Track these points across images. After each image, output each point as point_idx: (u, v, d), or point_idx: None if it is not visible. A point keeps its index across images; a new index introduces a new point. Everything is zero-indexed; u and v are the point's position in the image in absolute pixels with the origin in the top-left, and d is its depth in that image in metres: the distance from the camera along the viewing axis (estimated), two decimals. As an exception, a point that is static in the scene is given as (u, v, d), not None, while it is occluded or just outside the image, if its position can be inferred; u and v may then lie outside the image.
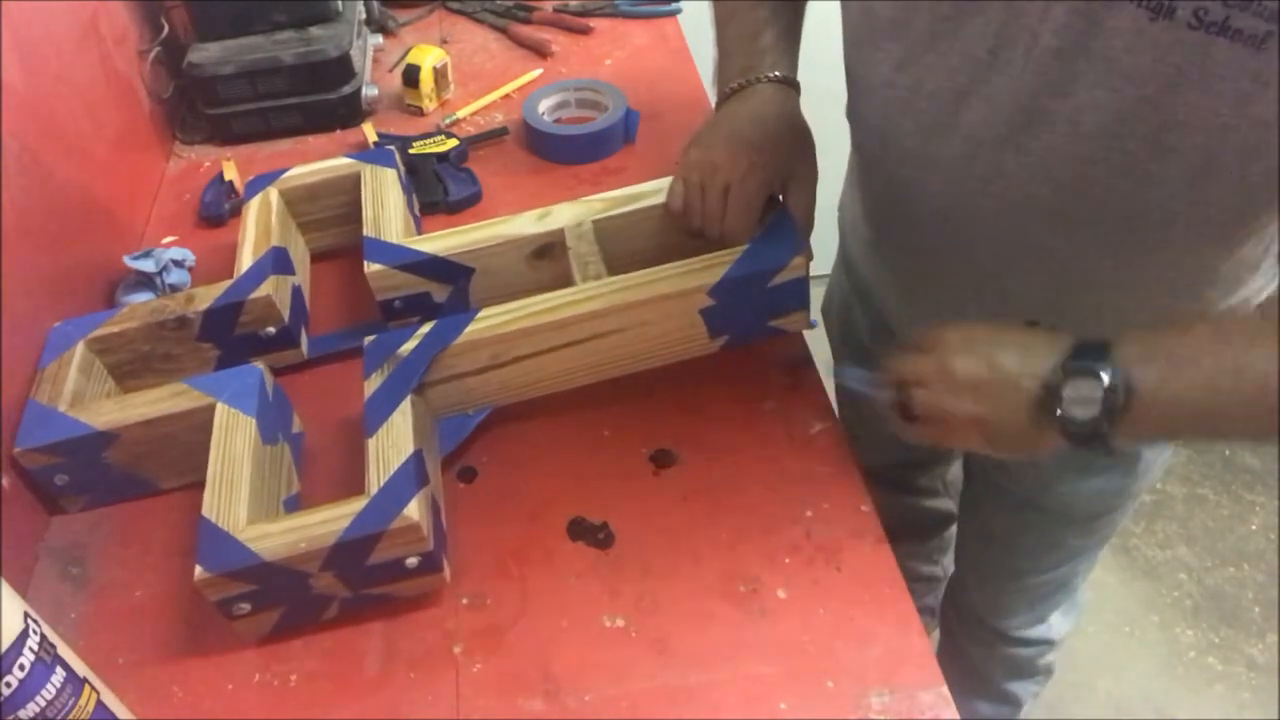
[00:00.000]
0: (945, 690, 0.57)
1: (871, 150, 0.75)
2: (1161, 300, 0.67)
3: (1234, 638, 1.55)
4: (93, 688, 0.53)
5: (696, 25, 1.25)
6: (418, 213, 0.89)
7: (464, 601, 0.64)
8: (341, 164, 0.86)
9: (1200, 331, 0.53)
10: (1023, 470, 0.86)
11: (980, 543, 1.02)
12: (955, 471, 1.13)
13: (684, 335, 0.71)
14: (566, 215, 0.76)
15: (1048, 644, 1.10)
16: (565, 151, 1.00)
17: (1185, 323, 0.54)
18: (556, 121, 1.05)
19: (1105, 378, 0.52)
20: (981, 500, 0.97)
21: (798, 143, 0.72)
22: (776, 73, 0.73)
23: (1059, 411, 0.53)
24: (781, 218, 0.71)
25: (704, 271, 0.68)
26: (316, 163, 0.87)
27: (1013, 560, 0.98)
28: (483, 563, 0.66)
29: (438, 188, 0.95)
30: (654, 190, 0.76)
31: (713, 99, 0.79)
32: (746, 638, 0.61)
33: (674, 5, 1.25)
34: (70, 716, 0.51)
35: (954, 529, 1.14)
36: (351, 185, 0.84)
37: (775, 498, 0.68)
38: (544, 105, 1.04)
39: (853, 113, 0.76)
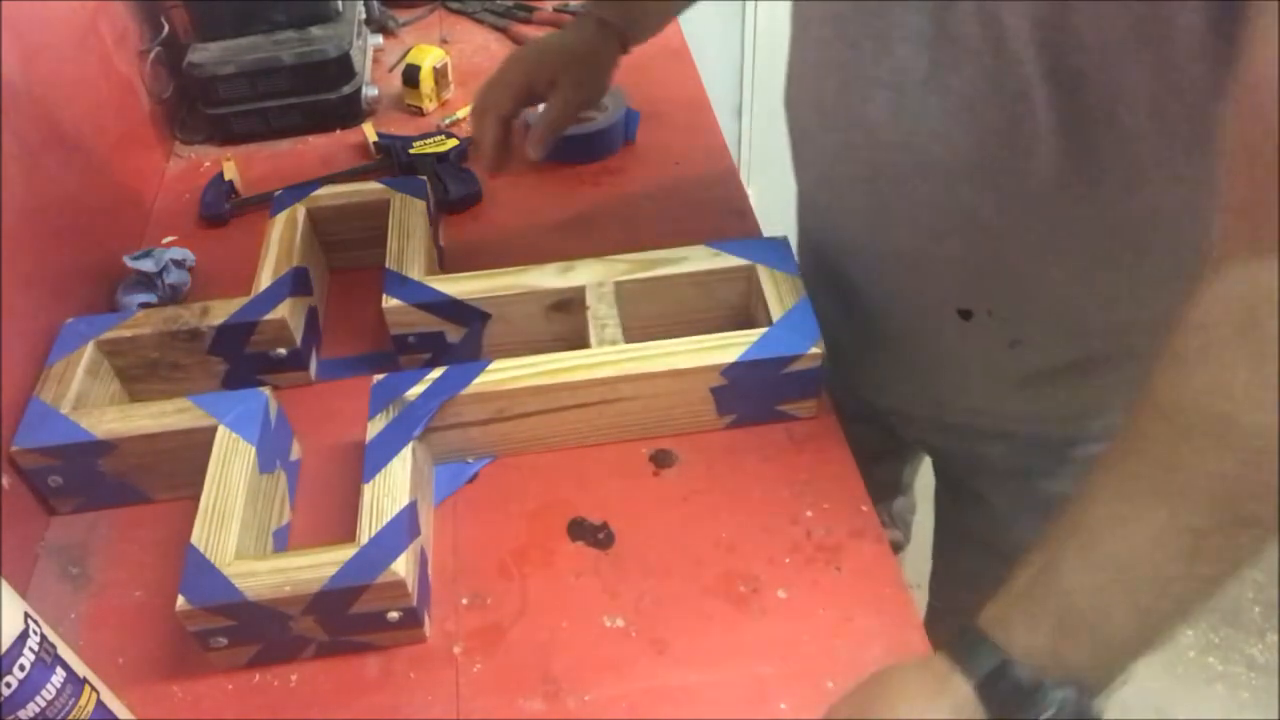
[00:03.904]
0: (945, 690, 0.57)
1: (802, 126, 0.75)
2: (1100, 274, 0.65)
3: (1234, 638, 1.55)
4: (93, 688, 0.53)
5: (697, 25, 1.25)
6: (441, 243, 0.89)
7: (464, 601, 0.64)
8: (373, 189, 0.86)
9: (1063, 549, 0.46)
10: (979, 514, 0.85)
11: (951, 583, 1.01)
12: (901, 504, 1.13)
13: (692, 410, 0.71)
14: (589, 273, 0.75)
15: None
16: (565, 151, 1.00)
17: (1043, 566, 0.47)
18: (556, 121, 1.05)
19: (1067, 708, 0.44)
20: (947, 542, 0.97)
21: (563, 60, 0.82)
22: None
23: None
24: (804, 305, 0.71)
25: (720, 350, 0.68)
26: (348, 185, 0.88)
27: (965, 600, 0.97)
28: (483, 563, 0.66)
29: (438, 187, 0.95)
30: (679, 258, 0.75)
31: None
32: (746, 638, 0.61)
33: (674, 5, 1.25)
34: (70, 716, 0.51)
35: (901, 557, 1.14)
36: (380, 210, 0.84)
37: (775, 498, 0.68)
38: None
39: (786, 95, 0.76)
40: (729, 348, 0.69)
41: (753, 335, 0.69)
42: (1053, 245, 0.64)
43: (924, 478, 1.06)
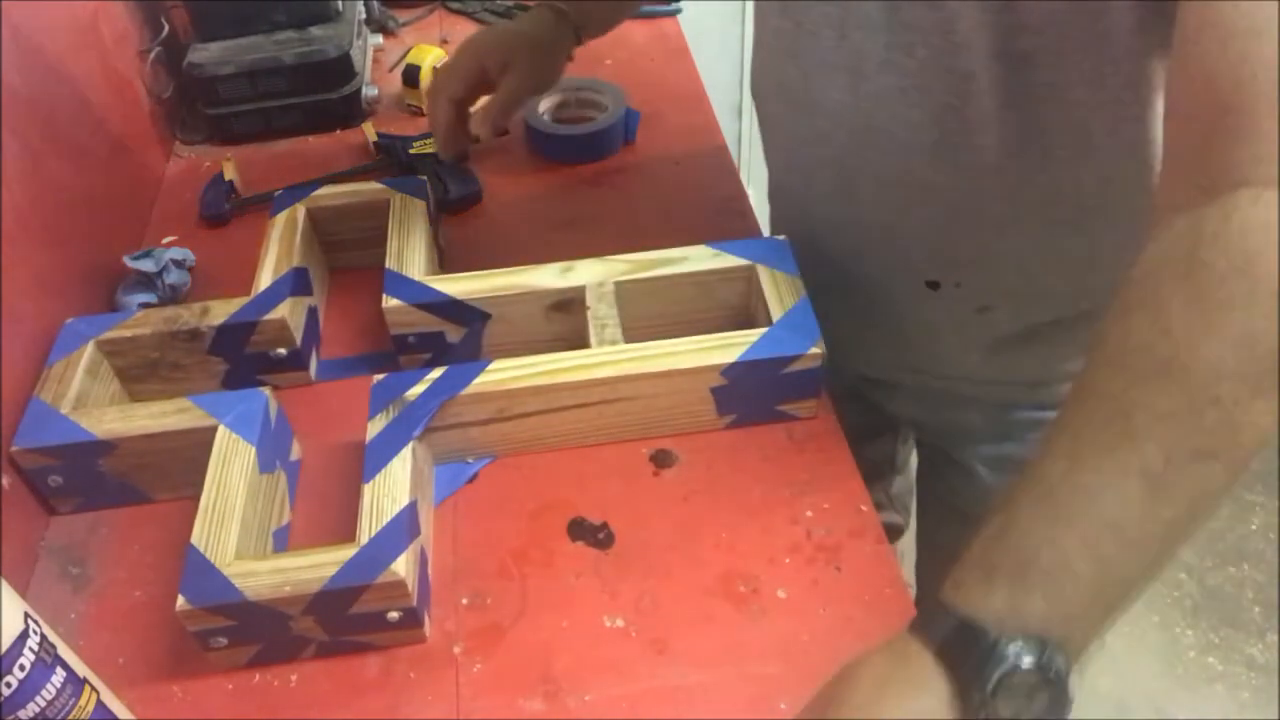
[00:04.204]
0: (945, 690, 0.57)
1: (768, 112, 0.78)
2: (1060, 242, 0.69)
3: (1234, 638, 1.55)
4: (93, 688, 0.53)
5: (696, 25, 1.26)
6: (442, 243, 0.89)
7: (464, 601, 0.64)
8: (373, 189, 0.86)
9: (1023, 508, 0.44)
10: (963, 485, 0.87)
11: (935, 560, 1.02)
12: (899, 485, 1.13)
13: (692, 410, 0.71)
14: (589, 273, 0.75)
15: None
16: (565, 151, 1.01)
17: (998, 528, 0.44)
18: (556, 121, 1.05)
19: (1025, 658, 0.41)
20: (932, 518, 0.98)
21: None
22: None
23: None
24: (804, 305, 0.71)
25: (720, 350, 0.68)
26: (348, 185, 0.88)
27: None
28: (483, 563, 0.66)
29: (438, 187, 0.95)
30: (679, 258, 0.75)
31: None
32: (746, 638, 0.61)
33: (674, 5, 1.25)
34: (70, 717, 0.51)
35: (900, 544, 1.14)
36: (380, 210, 0.84)
37: (775, 498, 0.68)
38: (544, 104, 1.04)
39: (752, 84, 0.80)
40: (729, 348, 0.69)
41: (752, 335, 0.69)
42: (1011, 215, 0.67)
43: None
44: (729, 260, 0.75)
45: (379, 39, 1.21)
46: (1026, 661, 0.40)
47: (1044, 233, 0.68)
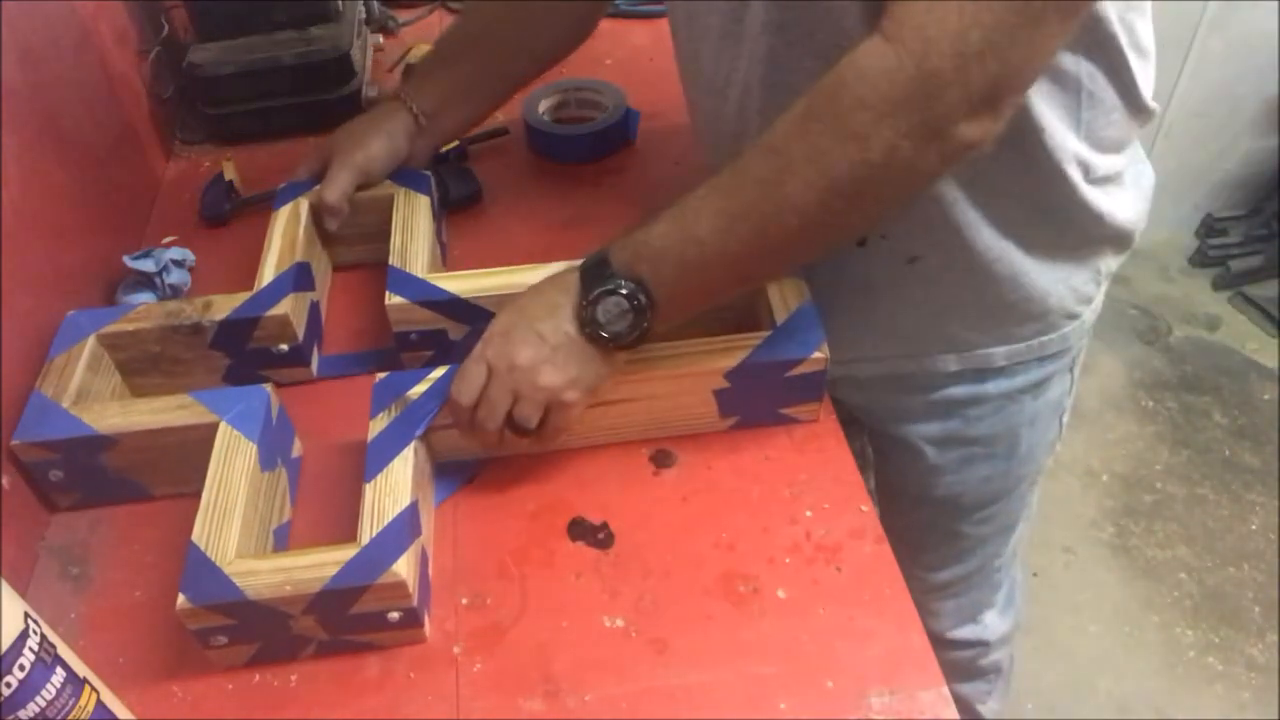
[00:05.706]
0: (945, 690, 0.58)
1: (689, 98, 0.81)
2: (980, 179, 0.67)
3: (1234, 638, 1.55)
4: (93, 688, 0.53)
5: (697, 25, 1.25)
6: (445, 239, 0.89)
7: (464, 601, 0.64)
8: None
9: (666, 216, 0.62)
10: (911, 466, 0.88)
11: (893, 547, 1.02)
12: (874, 480, 1.13)
13: (694, 412, 0.71)
14: None
15: (983, 645, 1.10)
16: (565, 151, 1.01)
17: (654, 217, 0.62)
18: (556, 121, 1.05)
19: (623, 289, 0.61)
20: (884, 504, 0.98)
21: None
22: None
23: (606, 335, 0.62)
24: (808, 308, 0.71)
25: (723, 354, 0.68)
26: None
27: (920, 557, 0.99)
28: (483, 563, 0.66)
29: (438, 187, 0.95)
30: None
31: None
32: (746, 638, 0.61)
33: (674, 5, 1.24)
34: (70, 716, 0.51)
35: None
36: (384, 205, 0.84)
37: (775, 498, 0.68)
38: (544, 105, 1.04)
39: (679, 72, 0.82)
40: (732, 351, 0.69)
41: (755, 338, 0.69)
42: None
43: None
44: None
45: (379, 39, 1.21)
46: (624, 289, 0.61)
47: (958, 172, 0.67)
